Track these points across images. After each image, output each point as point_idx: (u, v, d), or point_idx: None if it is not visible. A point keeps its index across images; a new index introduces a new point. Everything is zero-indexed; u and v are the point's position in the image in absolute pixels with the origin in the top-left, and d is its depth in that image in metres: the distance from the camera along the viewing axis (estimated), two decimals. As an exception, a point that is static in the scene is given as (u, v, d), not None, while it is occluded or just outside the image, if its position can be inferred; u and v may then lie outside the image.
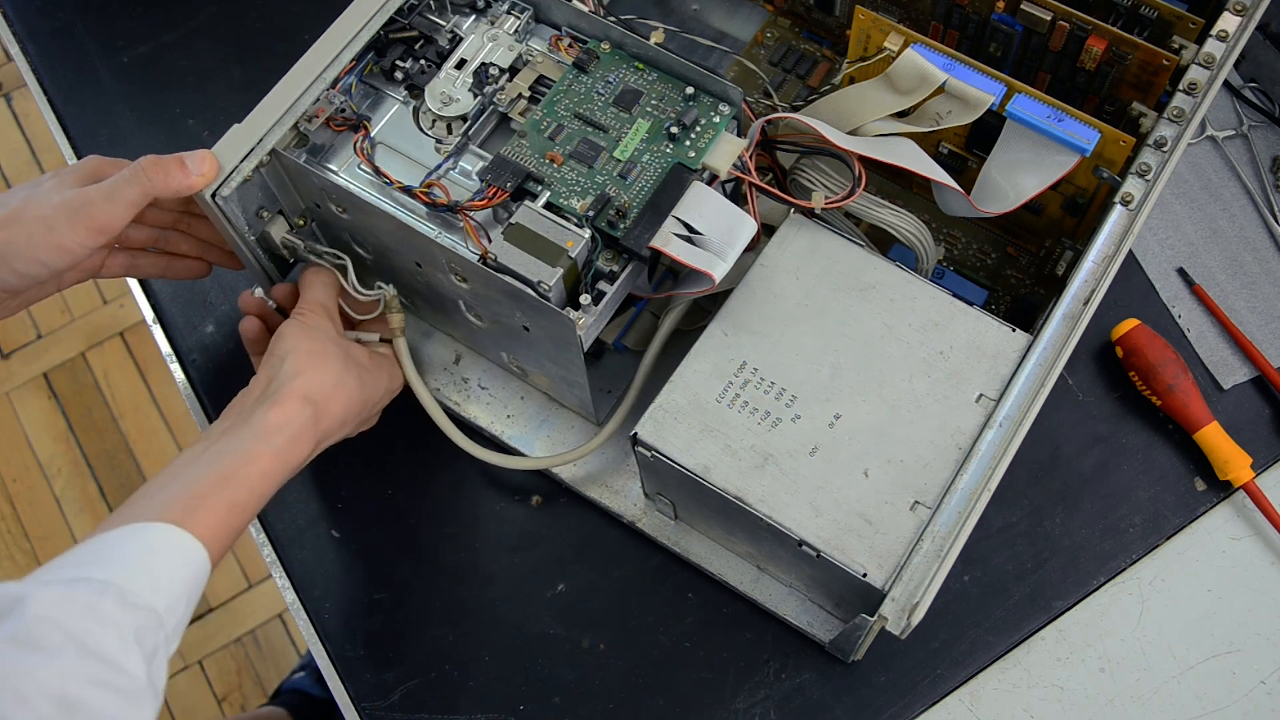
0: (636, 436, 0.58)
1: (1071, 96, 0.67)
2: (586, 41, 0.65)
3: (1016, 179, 0.62)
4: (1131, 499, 0.71)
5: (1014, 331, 0.59)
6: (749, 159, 0.60)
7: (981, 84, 0.60)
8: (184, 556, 0.50)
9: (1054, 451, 0.72)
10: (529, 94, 0.63)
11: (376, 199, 0.62)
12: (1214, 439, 0.70)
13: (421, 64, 0.65)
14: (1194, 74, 0.61)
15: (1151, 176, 0.59)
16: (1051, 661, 0.67)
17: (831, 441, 0.57)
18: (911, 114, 0.63)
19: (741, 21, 0.82)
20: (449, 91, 0.64)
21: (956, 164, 0.70)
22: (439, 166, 0.63)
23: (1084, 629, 0.68)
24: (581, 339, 0.57)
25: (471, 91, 0.64)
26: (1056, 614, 0.68)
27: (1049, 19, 0.63)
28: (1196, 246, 0.77)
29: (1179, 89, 0.61)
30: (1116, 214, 0.59)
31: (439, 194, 0.61)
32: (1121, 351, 0.72)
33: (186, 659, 1.41)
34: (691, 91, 0.62)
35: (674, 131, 0.60)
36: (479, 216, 0.61)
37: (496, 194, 0.59)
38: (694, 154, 0.60)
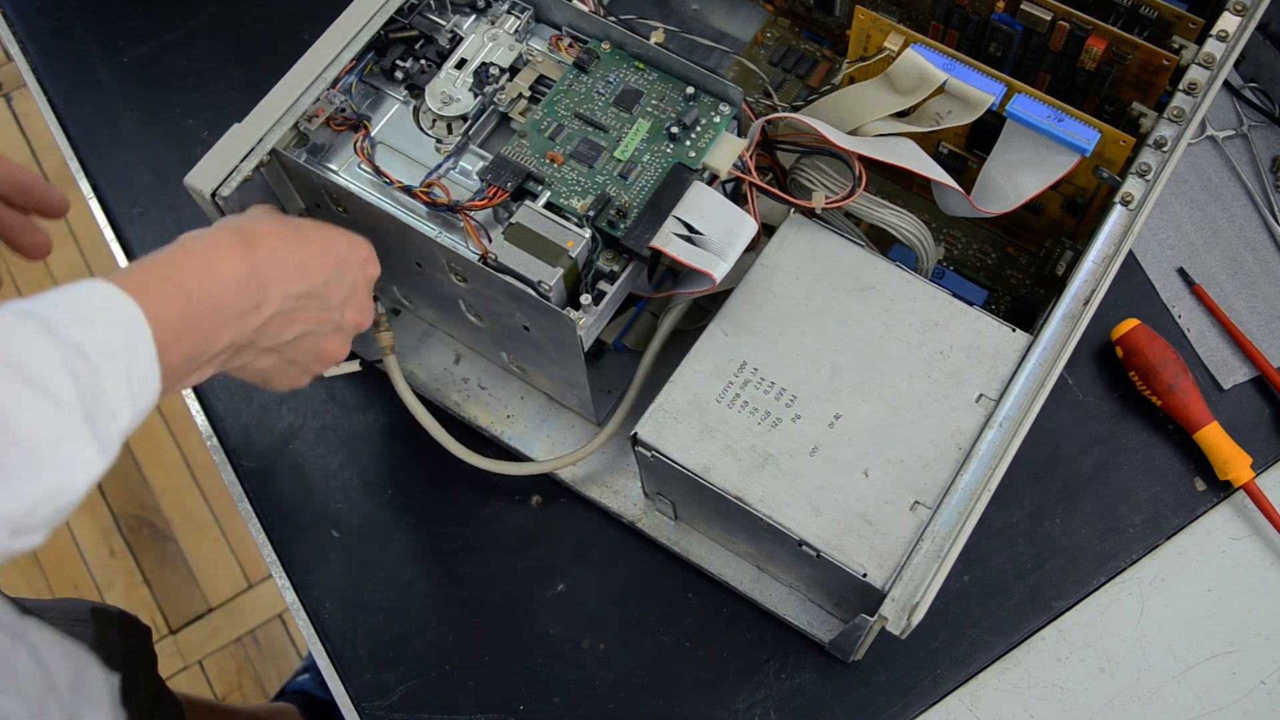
0: (636, 436, 0.58)
1: (1071, 96, 0.67)
2: (587, 41, 0.65)
3: (1016, 179, 0.62)
4: (1131, 499, 0.71)
5: (1014, 331, 0.59)
6: (749, 159, 0.60)
7: (981, 84, 0.60)
8: (121, 314, 0.44)
9: (1054, 451, 0.72)
10: (529, 94, 0.63)
11: (377, 199, 0.62)
12: (1214, 439, 0.70)
13: (422, 64, 0.65)
14: (1194, 74, 0.61)
15: (1151, 176, 0.59)
16: (1051, 661, 0.67)
17: (831, 441, 0.57)
18: (911, 114, 0.63)
19: (741, 21, 0.82)
20: (449, 91, 0.64)
21: (956, 164, 0.70)
22: (439, 166, 0.63)
23: (1084, 629, 0.68)
24: (582, 339, 0.57)
25: (472, 91, 0.64)
26: (1056, 614, 0.68)
27: (1049, 19, 0.63)
28: (1196, 246, 0.77)
29: (1179, 89, 0.61)
30: (1116, 214, 0.59)
31: (439, 194, 0.61)
32: (1121, 351, 0.72)
33: (186, 659, 1.41)
34: (692, 91, 0.62)
35: (674, 131, 0.60)
36: (479, 216, 0.61)
37: (497, 194, 0.59)
38: (694, 154, 0.60)
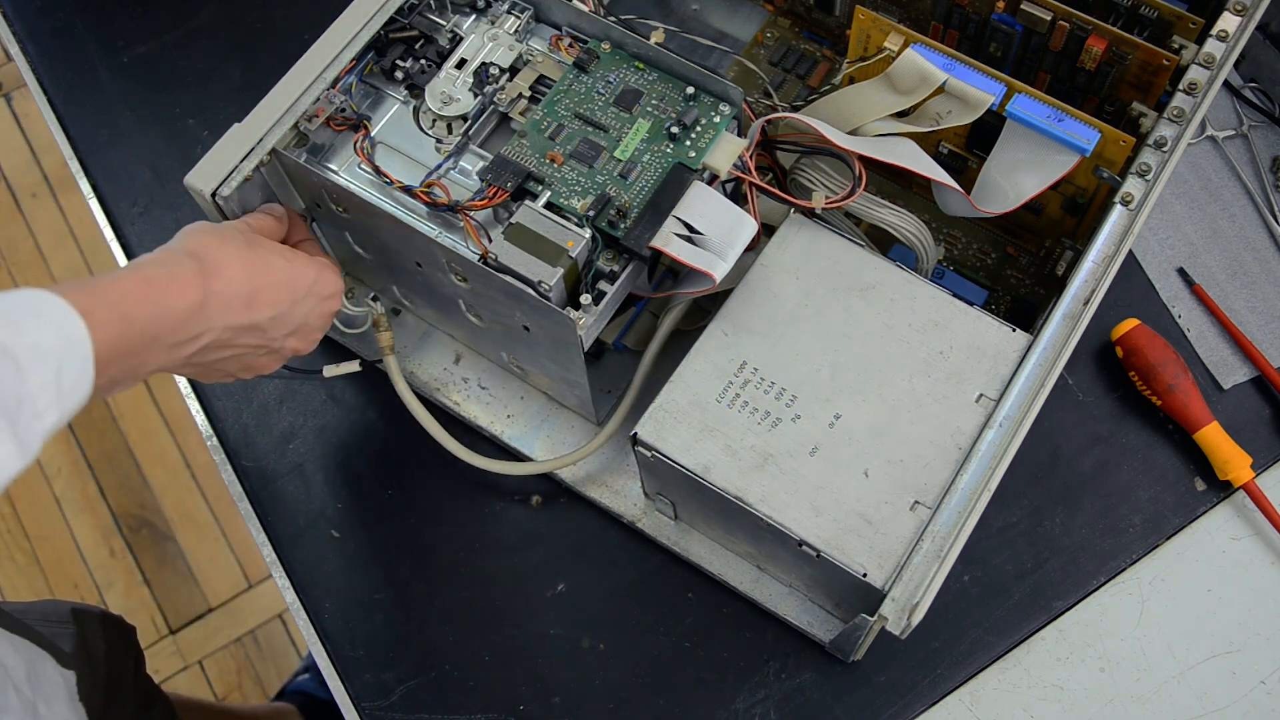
0: (636, 436, 0.58)
1: (1071, 96, 0.67)
2: (587, 41, 0.65)
3: (1016, 179, 0.62)
4: (1131, 499, 0.71)
5: (1014, 331, 0.58)
6: (749, 159, 0.60)
7: (981, 84, 0.60)
8: (56, 318, 0.44)
9: (1054, 451, 0.72)
10: (529, 94, 0.63)
11: (377, 199, 0.62)
12: (1214, 439, 0.70)
13: (422, 64, 0.65)
14: (1194, 74, 0.61)
15: (1151, 176, 0.59)
16: (1051, 661, 0.67)
17: (831, 441, 0.57)
18: (911, 114, 0.63)
19: (741, 21, 0.82)
20: (449, 91, 0.64)
21: (956, 164, 0.70)
22: (439, 166, 0.63)
23: (1084, 629, 0.68)
24: (582, 339, 0.57)
25: (472, 91, 0.64)
26: (1056, 614, 0.68)
27: (1049, 19, 0.63)
28: (1196, 246, 0.77)
29: (1179, 89, 0.61)
30: (1116, 214, 0.59)
31: (439, 194, 0.61)
32: (1121, 351, 0.72)
33: (186, 659, 1.41)
34: (692, 91, 0.62)
35: (674, 131, 0.60)
36: (479, 216, 0.61)
37: (497, 194, 0.59)
38: (694, 154, 0.60)
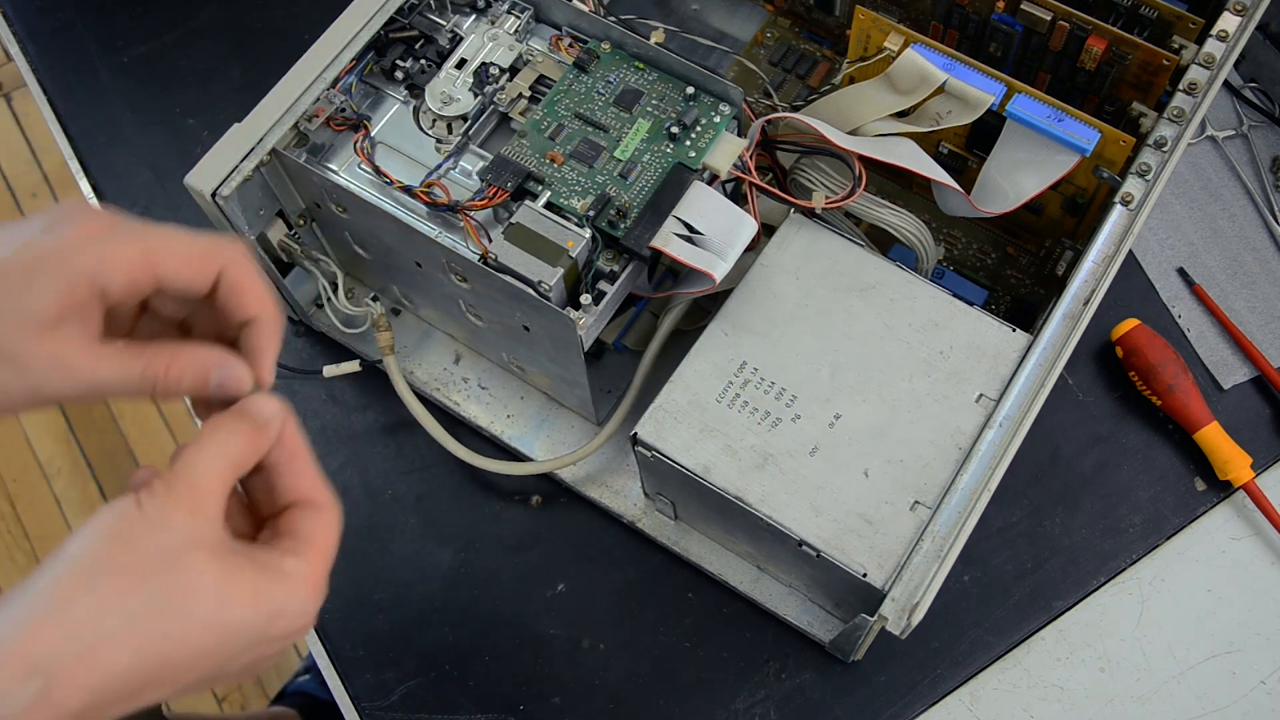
0: (636, 436, 0.58)
1: (1071, 96, 0.67)
2: (587, 41, 0.65)
3: (1016, 179, 0.62)
4: (1131, 499, 0.71)
5: (1014, 331, 0.58)
6: (749, 159, 0.60)
7: (981, 84, 0.60)
8: None
9: (1054, 451, 0.72)
10: (529, 94, 0.63)
11: (377, 199, 0.62)
12: (1214, 439, 0.70)
13: (422, 64, 0.65)
14: (1194, 74, 0.61)
15: (1151, 176, 0.59)
16: (1051, 661, 0.67)
17: (831, 441, 0.57)
18: (911, 114, 0.63)
19: (741, 21, 0.82)
20: (449, 91, 0.64)
21: (956, 164, 0.70)
22: (439, 166, 0.63)
23: (1084, 629, 0.68)
24: (582, 339, 0.57)
25: (472, 91, 0.64)
26: (1056, 614, 0.68)
27: (1049, 19, 0.63)
28: (1196, 246, 0.77)
29: (1179, 89, 0.61)
30: (1116, 214, 0.59)
31: (439, 194, 0.61)
32: (1121, 351, 0.72)
33: (186, 659, 1.41)
34: (692, 91, 0.62)
35: (674, 131, 0.60)
36: (479, 216, 0.61)
37: (497, 194, 0.59)
38: (694, 154, 0.60)
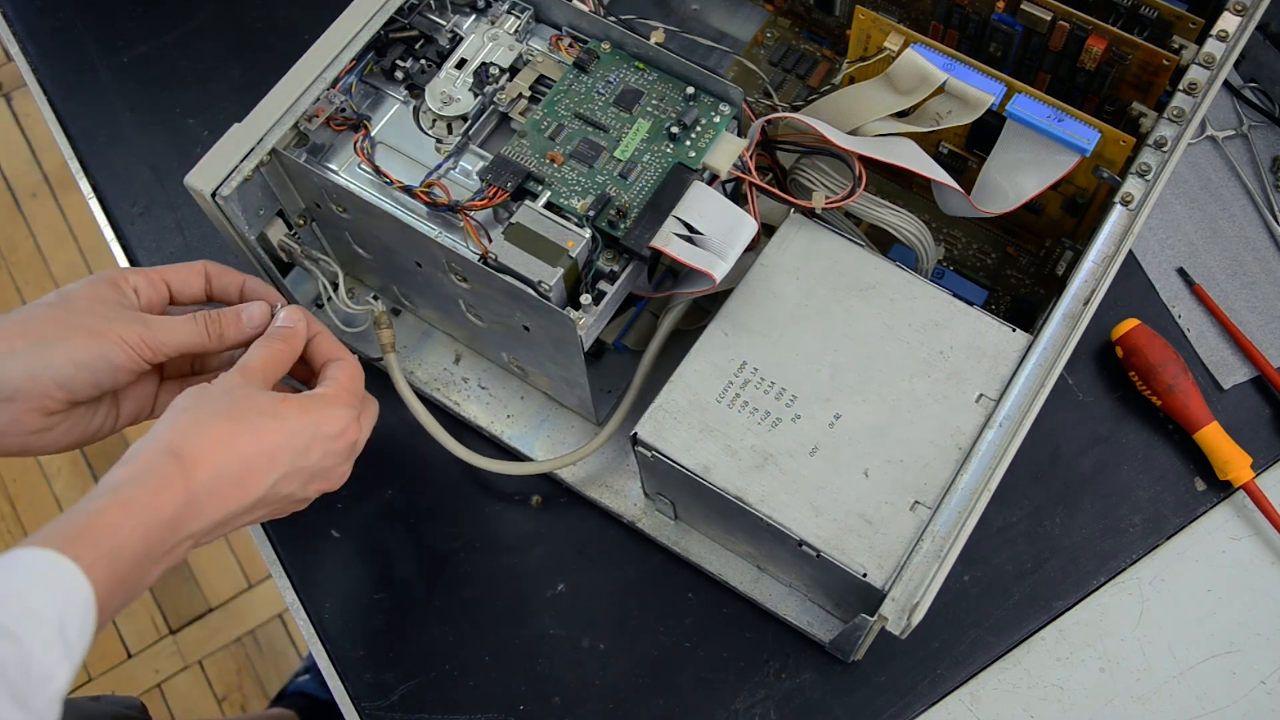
0: (636, 436, 0.58)
1: (1071, 96, 0.67)
2: (587, 41, 0.65)
3: (1016, 179, 0.62)
4: (1131, 499, 0.71)
5: (1014, 331, 0.58)
6: (749, 159, 0.60)
7: (981, 84, 0.60)
8: (49, 576, 0.45)
9: (1054, 451, 0.72)
10: (529, 94, 0.63)
11: (377, 199, 0.62)
12: (1214, 439, 0.70)
13: (422, 64, 0.65)
14: (1194, 74, 0.61)
15: (1151, 176, 0.59)
16: (1051, 661, 0.67)
17: (831, 441, 0.57)
18: (911, 114, 0.63)
19: (741, 21, 0.82)
20: (449, 91, 0.64)
21: (956, 164, 0.70)
22: (439, 166, 0.63)
23: (1084, 629, 0.68)
24: (582, 339, 0.57)
25: (472, 91, 0.64)
26: (1056, 614, 0.68)
27: (1049, 19, 0.63)
28: (1196, 246, 0.77)
29: (1179, 89, 0.61)
30: (1116, 214, 0.59)
31: (439, 194, 0.61)
32: (1121, 351, 0.72)
33: (186, 659, 1.41)
34: (692, 91, 0.62)
35: (674, 131, 0.60)
36: (479, 216, 0.61)
37: (497, 194, 0.59)
38: (694, 154, 0.60)
